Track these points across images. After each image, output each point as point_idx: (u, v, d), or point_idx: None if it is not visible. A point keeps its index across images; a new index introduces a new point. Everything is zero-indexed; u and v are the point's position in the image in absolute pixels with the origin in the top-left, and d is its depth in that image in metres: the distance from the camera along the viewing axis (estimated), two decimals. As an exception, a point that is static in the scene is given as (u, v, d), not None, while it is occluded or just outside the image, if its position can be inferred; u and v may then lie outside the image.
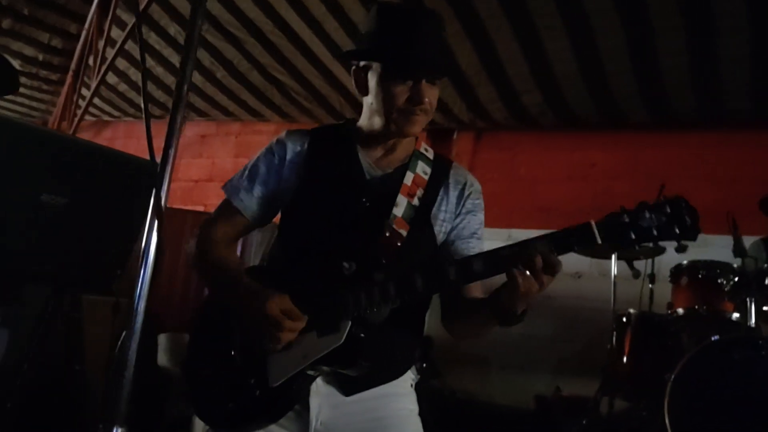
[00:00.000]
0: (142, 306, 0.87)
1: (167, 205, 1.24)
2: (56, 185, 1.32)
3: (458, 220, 1.54)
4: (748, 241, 3.33)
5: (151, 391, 3.64)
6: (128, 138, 7.08)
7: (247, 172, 1.56)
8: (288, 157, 1.53)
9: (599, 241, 1.26)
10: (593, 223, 1.27)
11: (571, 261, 1.38)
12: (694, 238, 1.29)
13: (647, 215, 1.26)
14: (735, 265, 3.23)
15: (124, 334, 0.85)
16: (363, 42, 1.51)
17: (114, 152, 1.42)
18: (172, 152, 0.93)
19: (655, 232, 1.26)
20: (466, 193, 1.56)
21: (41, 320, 1.52)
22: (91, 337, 3.80)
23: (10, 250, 1.36)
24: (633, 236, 1.26)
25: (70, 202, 1.35)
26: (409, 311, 1.46)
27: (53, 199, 1.33)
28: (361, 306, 1.34)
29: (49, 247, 1.40)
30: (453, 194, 1.55)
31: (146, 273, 0.89)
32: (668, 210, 1.26)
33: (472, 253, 1.52)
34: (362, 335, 1.34)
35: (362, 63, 1.50)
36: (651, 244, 1.33)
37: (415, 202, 1.48)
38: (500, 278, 1.32)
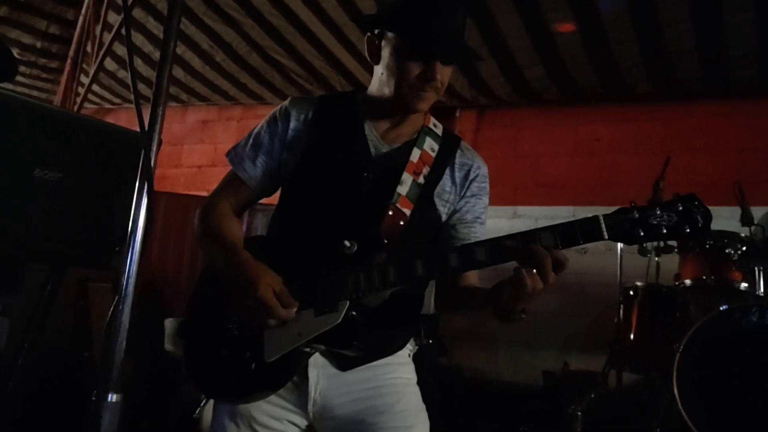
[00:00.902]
0: (133, 269, 0.85)
1: (172, 191, 1.22)
2: (49, 160, 1.30)
3: (462, 203, 1.52)
4: (756, 211, 3.30)
5: (159, 376, 3.66)
6: (130, 126, 7.02)
7: (251, 140, 1.54)
8: (291, 125, 1.50)
9: (606, 237, 1.22)
10: (601, 217, 1.23)
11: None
12: (704, 238, 1.26)
13: (658, 212, 1.22)
14: (743, 235, 3.20)
15: (116, 299, 0.83)
16: (384, 8, 1.48)
17: (107, 125, 1.40)
18: (160, 111, 0.90)
19: (664, 231, 1.22)
20: (472, 176, 1.52)
21: (41, 299, 1.51)
22: (98, 324, 3.82)
23: (4, 228, 1.34)
24: (641, 233, 1.22)
25: (64, 177, 1.33)
26: (408, 290, 1.44)
27: (46, 174, 1.31)
28: (361, 288, 1.32)
29: (45, 224, 1.38)
30: (458, 175, 1.52)
31: (137, 237, 0.87)
32: (680, 208, 1.22)
33: (474, 238, 1.49)
34: (360, 316, 1.33)
35: (377, 30, 1.46)
36: (661, 243, 1.30)
37: (421, 180, 1.45)
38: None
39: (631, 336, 3.40)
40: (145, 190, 0.86)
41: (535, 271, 1.20)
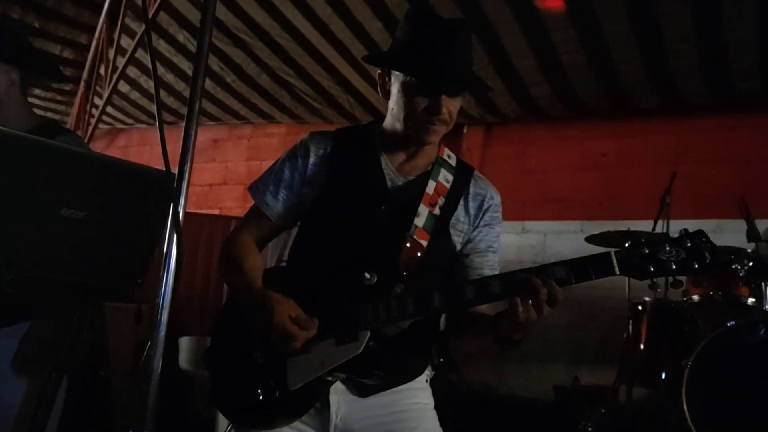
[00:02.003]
0: (164, 317, 0.91)
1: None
2: (75, 199, 1.36)
3: (476, 232, 1.55)
4: (761, 224, 3.32)
5: (174, 394, 3.71)
6: (142, 145, 7.17)
7: (272, 175, 1.58)
8: (311, 160, 1.55)
9: (617, 273, 1.28)
10: (613, 253, 1.28)
11: (584, 251, 1.42)
12: (712, 274, 1.30)
13: (667, 248, 1.27)
14: (749, 250, 3.22)
15: (149, 344, 0.89)
16: (393, 47, 1.52)
17: (129, 164, 1.46)
18: (187, 168, 0.97)
19: (673, 266, 1.27)
20: (485, 206, 1.56)
21: (68, 330, 1.57)
22: (114, 344, 3.89)
23: (33, 264, 1.41)
24: (651, 269, 1.28)
25: (89, 215, 1.39)
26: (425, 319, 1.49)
27: (73, 213, 1.37)
28: (380, 319, 1.37)
29: (72, 260, 1.44)
30: (472, 205, 1.56)
31: (167, 285, 0.93)
32: (688, 244, 1.27)
33: (487, 266, 1.54)
34: (380, 346, 1.38)
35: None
36: (670, 278, 1.36)
37: (436, 211, 1.50)
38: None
39: (641, 350, 3.42)
40: (174, 242, 0.91)
41: (530, 302, 1.26)
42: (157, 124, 0.99)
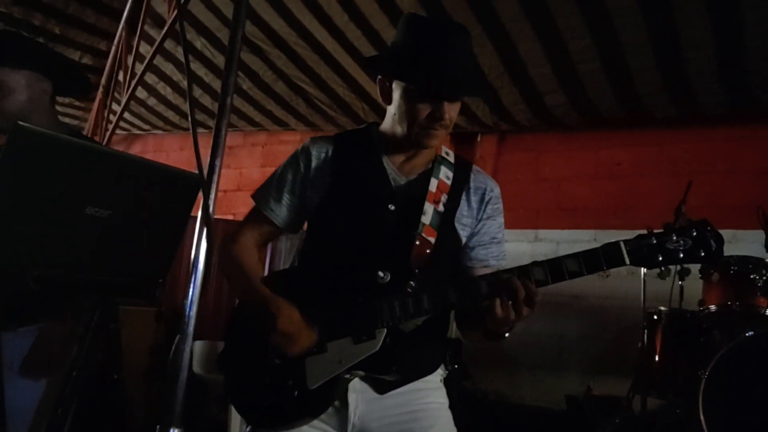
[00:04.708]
0: (193, 311, 0.92)
1: (197, 215, 1.31)
2: (100, 198, 1.38)
3: (479, 225, 1.59)
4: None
5: (186, 398, 3.72)
6: (157, 151, 7.23)
7: (275, 181, 1.61)
8: (313, 164, 1.58)
9: (627, 262, 1.33)
10: (622, 243, 1.33)
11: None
12: (718, 261, 1.35)
13: (674, 238, 1.33)
14: (767, 260, 3.20)
15: (177, 338, 0.90)
16: (392, 52, 1.54)
17: (154, 164, 1.48)
18: (218, 163, 0.99)
19: (681, 255, 1.33)
20: (487, 198, 1.60)
21: (88, 330, 1.59)
22: (127, 347, 3.90)
23: (57, 262, 1.42)
24: (660, 258, 1.34)
25: (113, 214, 1.42)
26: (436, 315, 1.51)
27: (97, 211, 1.39)
28: (396, 316, 1.40)
29: (94, 258, 1.46)
30: (474, 199, 1.59)
31: (197, 279, 0.95)
32: (694, 233, 1.33)
33: (492, 257, 1.58)
34: (397, 342, 1.41)
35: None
36: (677, 267, 1.41)
37: (441, 208, 1.53)
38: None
39: (656, 361, 3.40)
40: (204, 236, 0.93)
41: (510, 302, 1.31)
42: (190, 124, 1.01)
